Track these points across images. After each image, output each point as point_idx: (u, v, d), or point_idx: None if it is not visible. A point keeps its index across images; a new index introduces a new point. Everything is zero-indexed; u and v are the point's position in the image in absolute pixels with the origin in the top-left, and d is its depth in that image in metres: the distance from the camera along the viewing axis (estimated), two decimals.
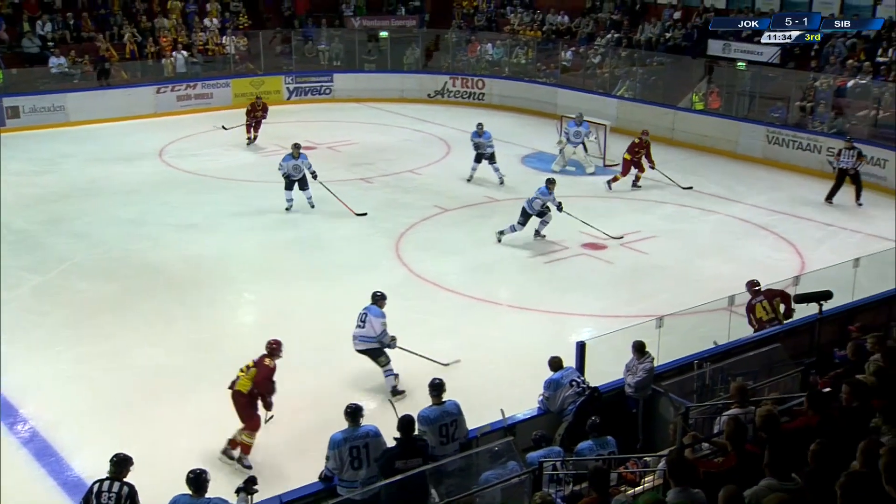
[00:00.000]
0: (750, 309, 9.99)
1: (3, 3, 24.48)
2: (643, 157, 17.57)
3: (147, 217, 15.64)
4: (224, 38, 26.24)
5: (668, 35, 24.37)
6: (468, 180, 17.78)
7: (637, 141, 17.67)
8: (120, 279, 12.82)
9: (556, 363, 8.20)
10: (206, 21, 26.64)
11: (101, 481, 6.42)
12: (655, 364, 8.21)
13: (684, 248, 14.44)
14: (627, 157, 17.50)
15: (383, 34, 27.40)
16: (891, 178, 17.45)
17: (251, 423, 8.46)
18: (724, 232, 15.33)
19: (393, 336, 9.71)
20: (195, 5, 27.12)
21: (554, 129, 20.82)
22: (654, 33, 24.76)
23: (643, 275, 13.29)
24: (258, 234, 14.82)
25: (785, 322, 9.67)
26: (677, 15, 24.82)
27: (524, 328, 11.47)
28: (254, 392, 8.42)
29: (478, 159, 17.69)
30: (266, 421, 8.67)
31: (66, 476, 8.29)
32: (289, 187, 15.85)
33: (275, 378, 8.57)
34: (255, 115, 20.84)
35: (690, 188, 17.39)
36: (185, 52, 25.28)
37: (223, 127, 20.97)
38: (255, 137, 20.85)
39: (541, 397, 8.16)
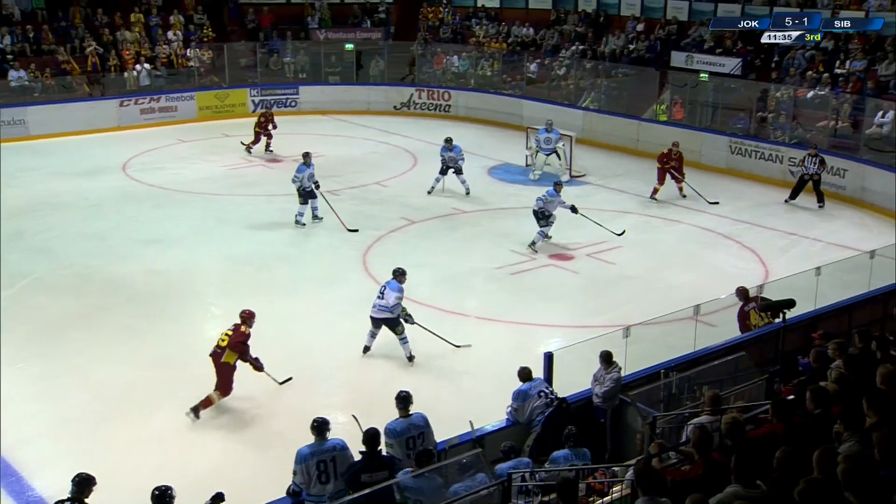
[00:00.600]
0: (743, 316, 10.17)
1: None
2: (673, 170, 17.77)
3: (111, 232, 15.47)
4: (188, 50, 26.06)
5: (631, 47, 24.65)
6: (429, 192, 17.81)
7: (666, 152, 17.92)
8: (83, 295, 12.66)
9: (524, 374, 8.22)
10: (170, 34, 26.46)
11: (61, 502, 6.31)
12: (623, 374, 8.25)
13: (650, 257, 14.55)
14: (659, 166, 17.82)
15: (349, 46, 27.40)
16: (850, 186, 17.78)
17: (224, 388, 9.43)
18: (689, 241, 15.50)
19: (408, 313, 10.70)
20: (158, 18, 26.95)
21: (522, 140, 20.89)
22: (618, 45, 25.02)
23: (610, 285, 13.38)
24: (224, 248, 14.71)
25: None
26: (641, 27, 25.10)
27: (492, 339, 11.48)
28: (234, 362, 9.39)
29: (443, 171, 17.75)
30: (282, 383, 9.69)
31: (27, 497, 8.15)
32: (305, 202, 15.72)
33: (249, 344, 9.50)
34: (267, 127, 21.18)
35: (717, 203, 17.46)
36: (148, 65, 25.08)
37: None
38: (268, 146, 21.27)
39: (509, 409, 8.17)
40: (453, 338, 11.08)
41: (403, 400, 7.34)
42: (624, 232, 15.18)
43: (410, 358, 10.68)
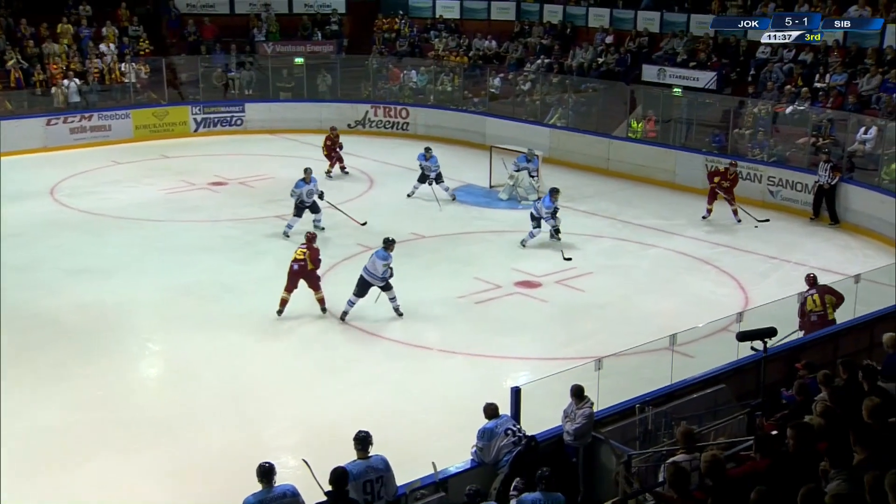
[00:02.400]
0: (802, 305, 11.02)
1: None
2: (724, 189, 18.00)
3: (37, 262, 15.24)
4: (123, 65, 25.83)
5: (600, 60, 24.99)
6: (409, 195, 19.11)
7: (717, 169, 18.36)
8: (7, 332, 12.38)
9: (491, 410, 8.20)
10: (102, 47, 26.19)
11: None
12: (595, 409, 8.26)
13: (623, 284, 14.67)
14: (711, 185, 18.24)
15: (298, 60, 27.40)
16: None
17: (318, 284, 13.08)
18: (664, 266, 15.66)
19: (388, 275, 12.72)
20: (89, 30, 26.67)
21: (485, 160, 20.99)
22: (586, 59, 25.36)
23: (580, 314, 13.46)
24: (162, 278, 14.55)
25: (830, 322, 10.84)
26: (610, 39, 25.48)
27: (455, 374, 11.49)
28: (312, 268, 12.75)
29: (422, 179, 18.98)
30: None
31: None
32: (298, 214, 16.54)
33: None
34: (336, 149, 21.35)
35: (767, 221, 17.84)
36: (78, 81, 24.74)
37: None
38: (343, 168, 21.57)
39: (474, 448, 8.14)
40: (411, 372, 11.03)
41: (362, 441, 7.29)
42: (570, 259, 15.51)
43: (399, 314, 12.94)
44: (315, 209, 16.75)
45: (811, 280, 11.68)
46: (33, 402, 10.53)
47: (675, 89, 22.26)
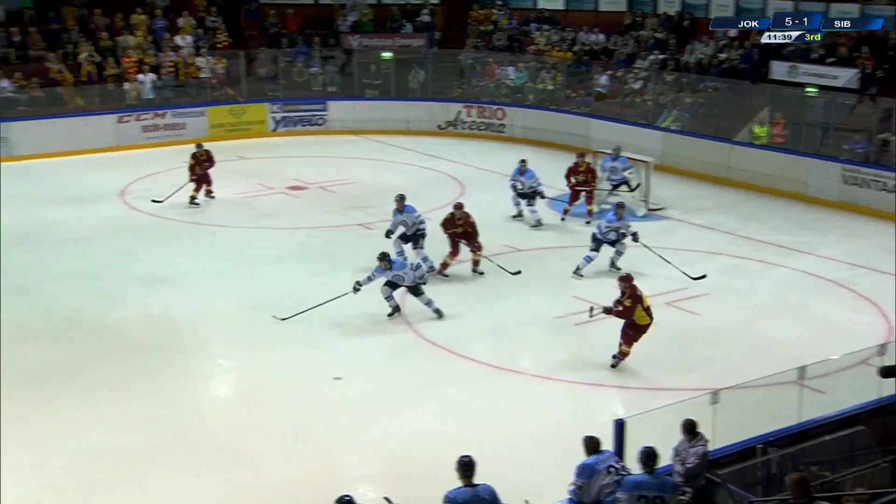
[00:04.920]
0: None
1: None
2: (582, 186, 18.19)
3: (103, 269, 15.69)
4: (198, 58, 26.55)
5: (722, 56, 24.57)
6: (515, 217, 18.73)
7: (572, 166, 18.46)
8: (68, 343, 12.81)
9: (592, 445, 8.08)
10: (178, 39, 26.99)
11: None
12: (710, 448, 8.10)
13: (742, 308, 14.36)
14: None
15: (386, 55, 27.71)
16: None
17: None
18: (792, 289, 15.26)
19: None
20: (165, 20, 27.48)
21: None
22: (705, 54, 24.98)
23: (693, 340, 13.21)
24: (235, 289, 14.83)
25: None
26: (733, 32, 25.01)
27: (550, 402, 11.39)
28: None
29: (523, 197, 18.47)
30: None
31: None
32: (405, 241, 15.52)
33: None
34: (199, 169, 19.57)
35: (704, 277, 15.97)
36: (152, 75, 25.55)
37: (154, 201, 19.53)
38: (209, 193, 19.86)
39: (572, 486, 8.04)
40: (503, 399, 10.97)
41: (466, 467, 7.32)
42: (704, 276, 15.04)
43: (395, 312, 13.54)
44: (416, 243, 15.50)
45: None
46: (90, 421, 10.77)
47: (808, 89, 21.78)
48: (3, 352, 12.50)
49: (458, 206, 15.52)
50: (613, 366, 12.12)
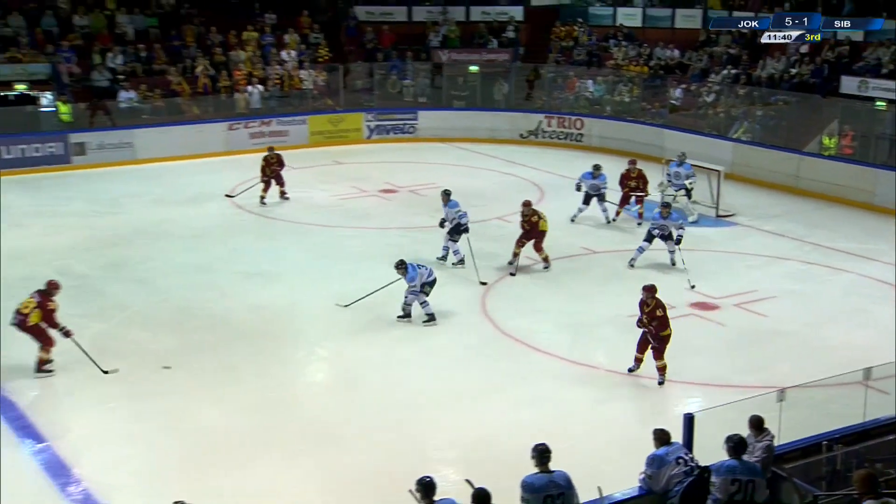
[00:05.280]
0: None
1: (74, 35, 25.74)
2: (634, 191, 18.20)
3: (213, 263, 16.03)
4: (301, 71, 26.98)
5: (793, 71, 24.00)
6: (572, 220, 18.44)
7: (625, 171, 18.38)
8: (182, 331, 13.12)
9: (662, 437, 7.98)
10: (284, 54, 27.48)
11: None
12: (776, 443, 7.92)
13: (809, 311, 14.02)
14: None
15: (473, 69, 27.76)
16: None
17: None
18: (858, 294, 14.82)
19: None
20: (272, 37, 28.04)
21: (662, 174, 20.61)
22: (777, 69, 24.42)
23: (760, 340, 12.94)
24: (331, 284, 15.00)
25: None
26: (805, 49, 24.39)
27: (624, 396, 11.29)
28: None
29: (586, 201, 18.33)
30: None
31: None
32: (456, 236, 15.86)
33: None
34: (269, 171, 19.94)
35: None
36: (260, 87, 26.09)
37: (227, 196, 20.20)
38: (283, 194, 20.14)
39: (642, 475, 7.95)
40: (578, 392, 10.88)
41: (543, 454, 7.29)
42: (693, 287, 14.70)
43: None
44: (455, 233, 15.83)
45: None
46: (199, 402, 11.04)
47: (878, 102, 21.14)
48: (124, 337, 12.91)
49: (527, 204, 15.83)
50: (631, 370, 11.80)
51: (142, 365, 11.94)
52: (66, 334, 11.52)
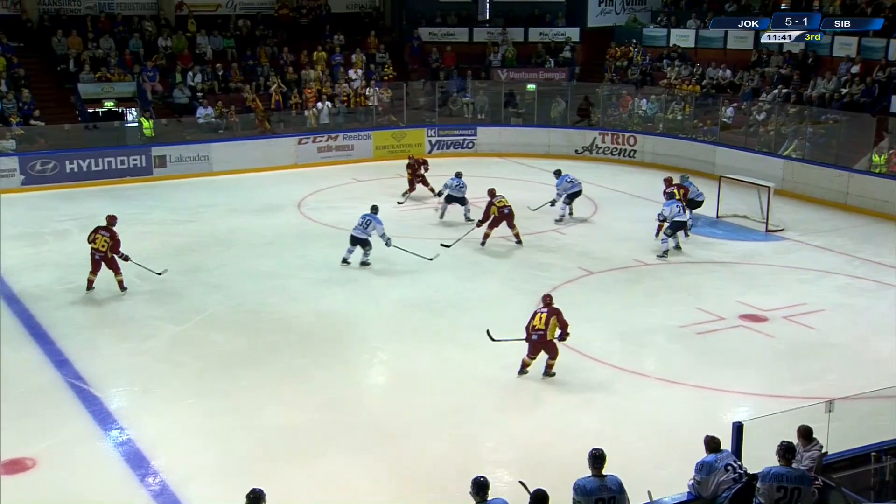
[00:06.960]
0: None
1: (158, 55, 26.38)
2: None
3: (283, 269, 16.22)
4: (368, 89, 27.24)
5: (844, 91, 23.52)
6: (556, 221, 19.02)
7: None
8: (254, 333, 13.29)
9: (712, 444, 7.87)
10: (351, 73, 27.80)
11: None
12: (825, 453, 7.76)
13: (857, 324, 13.71)
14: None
15: (530, 87, 27.74)
16: None
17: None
18: None
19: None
20: (341, 56, 28.39)
21: (714, 189, 20.33)
22: (828, 89, 23.94)
23: (809, 352, 12.68)
24: (393, 291, 15.10)
25: None
26: (856, 69, 23.89)
27: (673, 404, 11.13)
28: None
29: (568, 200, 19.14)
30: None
31: None
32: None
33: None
34: (413, 174, 21.47)
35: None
36: (328, 104, 26.44)
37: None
38: (433, 191, 21.41)
39: (692, 481, 7.85)
40: (628, 398, 10.79)
41: (596, 459, 7.25)
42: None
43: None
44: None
45: None
46: (267, 400, 11.16)
47: None
48: (200, 339, 13.13)
49: (492, 193, 17.54)
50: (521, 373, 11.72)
51: (215, 365, 12.13)
52: (126, 259, 14.46)
